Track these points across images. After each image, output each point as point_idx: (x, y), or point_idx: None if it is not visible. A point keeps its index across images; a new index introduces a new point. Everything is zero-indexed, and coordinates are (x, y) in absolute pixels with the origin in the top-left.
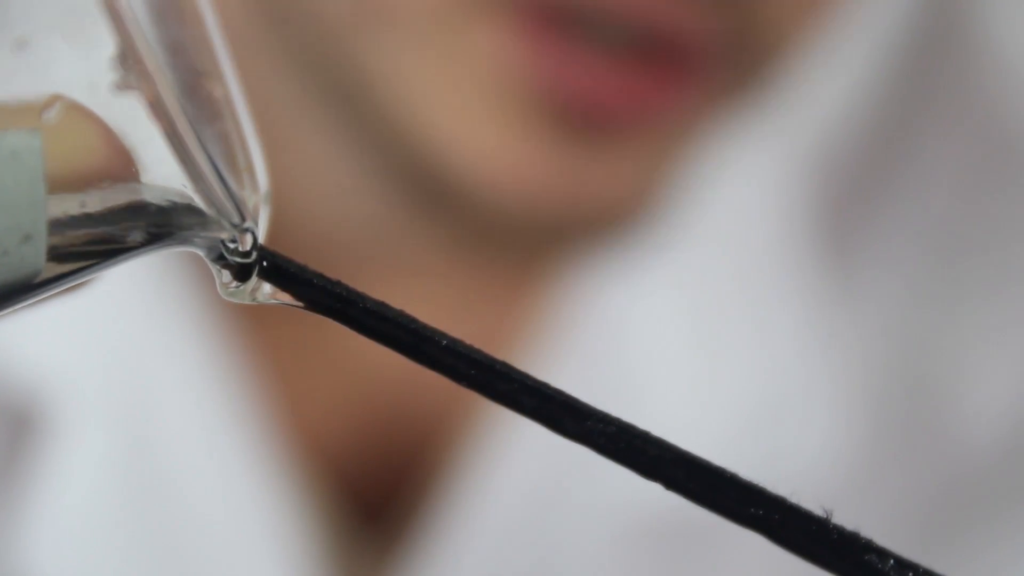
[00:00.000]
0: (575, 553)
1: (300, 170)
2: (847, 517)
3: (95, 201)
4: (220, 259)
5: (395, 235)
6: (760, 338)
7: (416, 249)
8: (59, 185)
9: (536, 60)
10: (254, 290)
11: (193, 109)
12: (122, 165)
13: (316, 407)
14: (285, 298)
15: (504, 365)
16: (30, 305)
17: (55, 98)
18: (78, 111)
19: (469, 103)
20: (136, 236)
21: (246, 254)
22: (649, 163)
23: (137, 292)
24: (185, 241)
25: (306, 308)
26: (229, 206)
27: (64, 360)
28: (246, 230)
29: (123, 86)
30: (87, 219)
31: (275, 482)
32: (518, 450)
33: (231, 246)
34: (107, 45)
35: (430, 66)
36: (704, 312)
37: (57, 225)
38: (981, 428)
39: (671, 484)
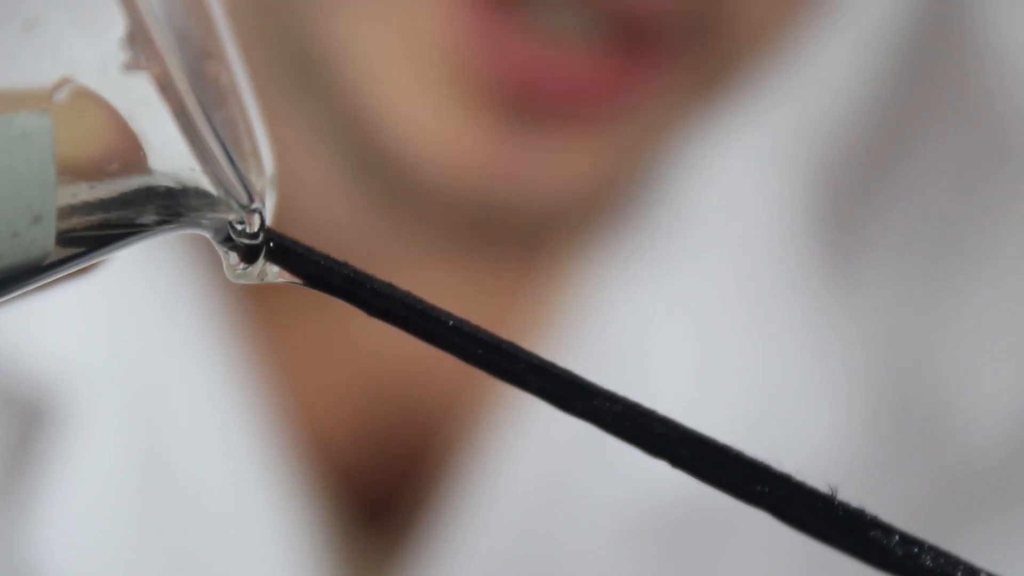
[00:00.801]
0: (582, 547)
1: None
2: (851, 502)
3: (105, 183)
4: (227, 241)
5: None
6: (761, 334)
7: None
8: (69, 167)
9: (480, 41)
10: (261, 272)
11: (200, 95)
12: (131, 148)
13: (324, 403)
14: (292, 279)
15: (510, 345)
16: (39, 288)
17: (65, 80)
18: (88, 94)
19: (414, 80)
20: (145, 218)
21: (253, 235)
22: (611, 151)
23: (147, 287)
24: (193, 223)
25: (313, 288)
26: (237, 187)
27: (75, 353)
28: (254, 211)
29: (133, 66)
30: (96, 201)
31: (283, 478)
32: (524, 445)
33: (239, 227)
34: (117, 26)
35: (381, 42)
36: (705, 308)
37: (67, 207)
38: (982, 423)
39: (677, 462)
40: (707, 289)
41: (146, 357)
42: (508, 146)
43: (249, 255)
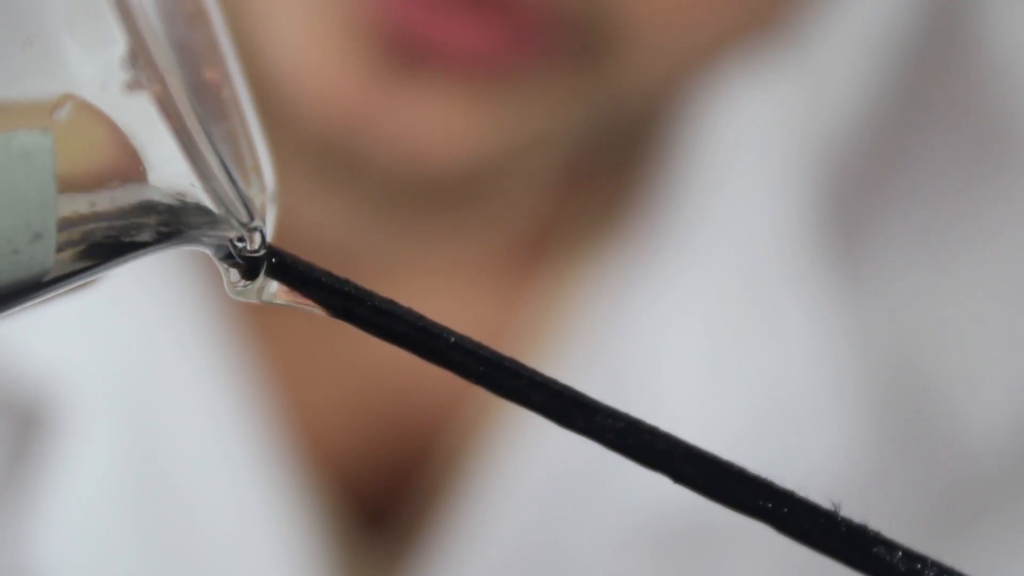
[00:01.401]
0: (584, 555)
1: None
2: (855, 517)
3: (104, 200)
4: (228, 258)
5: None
6: (768, 340)
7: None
8: (69, 184)
9: None
10: (261, 289)
11: (200, 110)
12: (131, 165)
13: (323, 409)
14: (293, 297)
15: (512, 362)
16: (37, 304)
17: (66, 97)
18: (88, 111)
19: (304, 15)
20: (145, 235)
21: (254, 253)
22: (486, 124)
23: (146, 292)
24: (193, 240)
25: (314, 305)
26: (237, 205)
27: (72, 358)
28: (254, 229)
29: (134, 85)
30: (96, 218)
31: (282, 483)
32: (526, 451)
33: (239, 245)
34: (118, 44)
35: None
36: (713, 314)
37: (67, 224)
38: (989, 429)
39: (680, 478)
40: (713, 294)
41: (144, 363)
42: (380, 89)
43: (250, 272)
